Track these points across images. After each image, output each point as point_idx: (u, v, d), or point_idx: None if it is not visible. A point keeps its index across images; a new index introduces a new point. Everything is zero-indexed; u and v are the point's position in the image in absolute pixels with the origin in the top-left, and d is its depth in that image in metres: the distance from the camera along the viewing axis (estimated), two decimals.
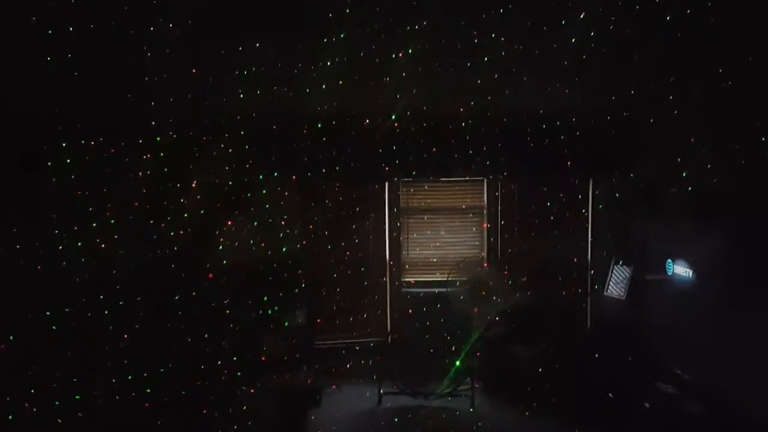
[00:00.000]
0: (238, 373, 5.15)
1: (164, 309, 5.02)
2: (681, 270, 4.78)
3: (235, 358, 5.18)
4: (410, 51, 4.21)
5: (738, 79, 3.96)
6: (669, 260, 4.91)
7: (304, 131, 5.61)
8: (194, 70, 4.18)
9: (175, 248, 5.22)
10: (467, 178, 6.36)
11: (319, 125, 5.64)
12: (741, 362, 3.95)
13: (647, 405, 4.65)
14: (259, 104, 5.13)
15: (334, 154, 5.74)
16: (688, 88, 4.39)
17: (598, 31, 3.74)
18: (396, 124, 5.53)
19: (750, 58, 3.79)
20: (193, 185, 5.25)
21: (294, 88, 4.75)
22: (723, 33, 3.62)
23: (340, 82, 4.45)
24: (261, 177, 5.58)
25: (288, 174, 5.68)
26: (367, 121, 5.68)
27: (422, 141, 5.80)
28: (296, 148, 5.63)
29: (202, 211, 5.30)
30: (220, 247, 5.37)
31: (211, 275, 5.26)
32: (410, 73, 4.39)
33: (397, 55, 4.16)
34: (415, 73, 4.47)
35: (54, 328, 4.53)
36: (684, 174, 4.78)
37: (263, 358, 5.38)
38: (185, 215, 5.23)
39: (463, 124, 5.75)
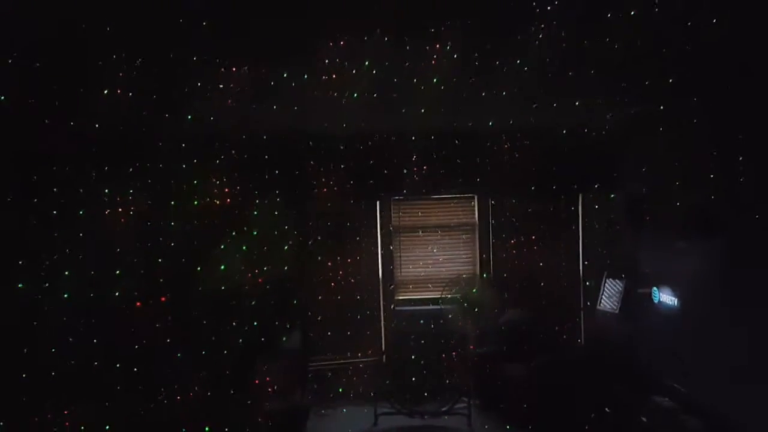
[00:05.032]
0: (232, 396, 5.09)
1: (157, 330, 4.97)
2: (666, 298, 4.84)
3: (228, 381, 5.13)
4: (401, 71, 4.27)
5: (723, 95, 4.04)
6: (654, 288, 4.99)
7: (296, 150, 5.64)
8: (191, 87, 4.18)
9: (168, 268, 5.18)
10: (458, 195, 6.38)
11: (311, 144, 5.68)
12: (736, 374, 3.97)
13: (644, 419, 4.66)
14: (253, 123, 5.15)
15: (325, 172, 5.76)
16: (675, 104, 4.47)
17: (584, 51, 3.81)
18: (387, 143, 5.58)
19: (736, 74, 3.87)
20: (187, 204, 5.23)
21: (287, 108, 4.77)
22: (708, 49, 3.70)
23: (335, 101, 4.48)
24: (253, 196, 5.58)
25: (280, 193, 5.67)
26: (359, 139, 5.73)
27: (413, 159, 5.85)
28: (288, 167, 5.65)
29: (194, 231, 5.27)
30: (212, 268, 5.33)
31: (203, 296, 5.23)
32: (403, 92, 4.44)
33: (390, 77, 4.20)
34: (407, 93, 4.52)
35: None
36: (672, 188, 4.84)
37: (256, 381, 5.32)
38: (178, 234, 5.20)
39: (454, 141, 5.82)
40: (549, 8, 3.72)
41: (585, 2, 3.76)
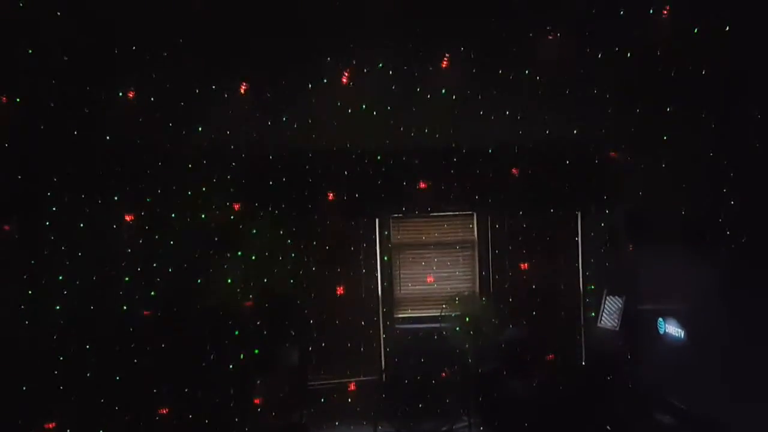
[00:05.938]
0: (231, 414, 5.06)
1: (155, 349, 4.95)
2: (672, 329, 4.80)
3: (227, 399, 5.09)
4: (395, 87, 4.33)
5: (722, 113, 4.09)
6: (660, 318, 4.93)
7: (296, 167, 5.67)
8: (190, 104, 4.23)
9: (167, 283, 5.18)
10: (457, 213, 6.40)
11: (309, 161, 5.71)
12: (738, 391, 3.95)
13: None
14: (252, 141, 5.20)
15: (325, 190, 5.79)
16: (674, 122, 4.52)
17: (586, 70, 3.87)
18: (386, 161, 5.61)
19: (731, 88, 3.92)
20: (188, 219, 5.25)
21: (287, 125, 4.83)
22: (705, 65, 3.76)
23: (333, 119, 4.53)
24: (253, 213, 5.59)
25: (279, 211, 5.69)
26: (357, 157, 5.77)
27: (411, 177, 5.89)
28: (287, 184, 5.68)
29: (194, 247, 5.28)
30: (212, 284, 5.33)
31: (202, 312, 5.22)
32: (399, 110, 4.50)
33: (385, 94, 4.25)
34: (404, 110, 4.57)
35: None
36: (671, 205, 4.87)
37: (256, 401, 5.29)
38: (177, 252, 5.21)
39: (453, 159, 5.86)
40: (549, 37, 3.81)
41: (582, 24, 3.84)
